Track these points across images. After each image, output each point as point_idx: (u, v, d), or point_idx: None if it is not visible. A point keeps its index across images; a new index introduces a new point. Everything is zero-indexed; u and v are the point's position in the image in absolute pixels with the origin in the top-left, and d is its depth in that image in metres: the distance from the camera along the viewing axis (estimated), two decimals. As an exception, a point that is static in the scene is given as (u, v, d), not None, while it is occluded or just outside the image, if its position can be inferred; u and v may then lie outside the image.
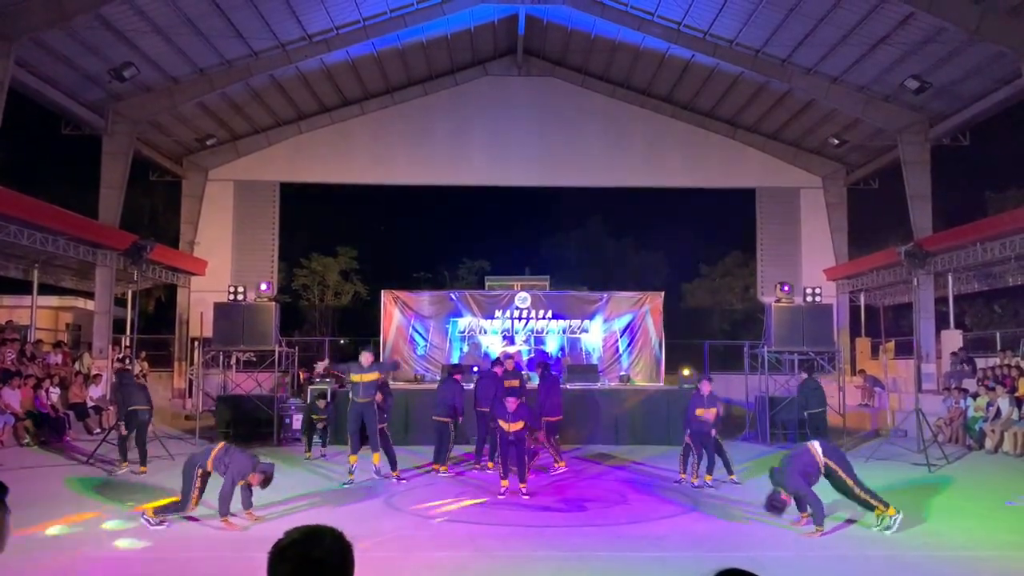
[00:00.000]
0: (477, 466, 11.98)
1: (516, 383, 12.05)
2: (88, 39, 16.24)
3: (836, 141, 21.19)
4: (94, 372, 17.55)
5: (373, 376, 10.84)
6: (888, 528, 7.87)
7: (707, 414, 10.59)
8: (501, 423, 9.88)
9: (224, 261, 23.09)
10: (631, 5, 19.39)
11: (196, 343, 21.13)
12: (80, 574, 6.45)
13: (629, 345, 18.51)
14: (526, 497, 9.60)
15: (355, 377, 10.85)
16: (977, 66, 16.57)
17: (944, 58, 16.63)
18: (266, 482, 8.14)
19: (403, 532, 7.96)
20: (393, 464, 10.89)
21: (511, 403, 9.79)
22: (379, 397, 10.97)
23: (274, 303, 16.15)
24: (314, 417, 13.65)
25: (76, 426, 15.71)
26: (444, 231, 34.66)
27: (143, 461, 11.54)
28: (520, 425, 9.75)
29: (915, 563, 6.90)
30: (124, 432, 11.59)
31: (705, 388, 10.84)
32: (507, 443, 9.84)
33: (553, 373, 13.45)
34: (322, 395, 13.95)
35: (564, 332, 18.57)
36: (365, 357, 10.85)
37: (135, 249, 14.00)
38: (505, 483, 9.88)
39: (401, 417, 15.17)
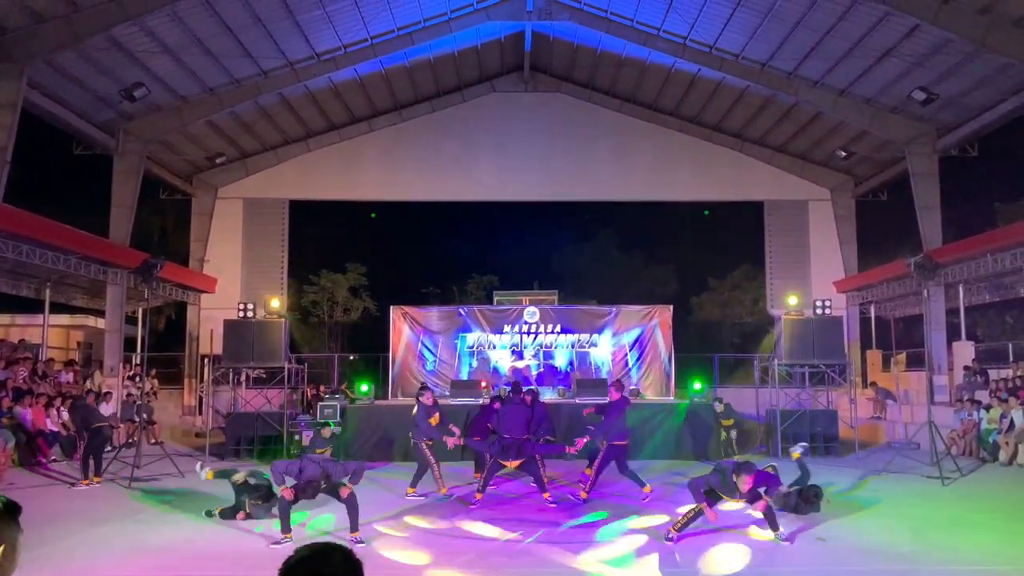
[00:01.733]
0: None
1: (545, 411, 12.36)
2: (99, 60, 16.45)
3: (844, 153, 21.19)
4: (105, 390, 17.61)
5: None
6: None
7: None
8: (502, 461, 10.19)
9: (234, 278, 23.21)
10: (637, 20, 19.50)
11: (206, 360, 21.21)
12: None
13: (638, 359, 18.46)
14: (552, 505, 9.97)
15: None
16: (984, 77, 16.56)
17: (951, 69, 16.63)
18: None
19: (413, 548, 7.93)
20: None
21: (513, 464, 10.17)
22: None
23: (283, 320, 16.20)
24: (318, 451, 12.71)
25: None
26: (453, 246, 34.68)
27: (98, 472, 12.11)
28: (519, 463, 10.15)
29: (929, 578, 6.83)
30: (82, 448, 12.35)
31: (613, 394, 10.87)
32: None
33: (524, 397, 11.92)
34: (326, 423, 13.77)
35: (573, 346, 18.53)
36: None
37: (145, 267, 14.05)
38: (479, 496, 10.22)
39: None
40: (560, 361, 18.48)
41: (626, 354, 18.52)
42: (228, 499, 9.52)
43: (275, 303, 16.58)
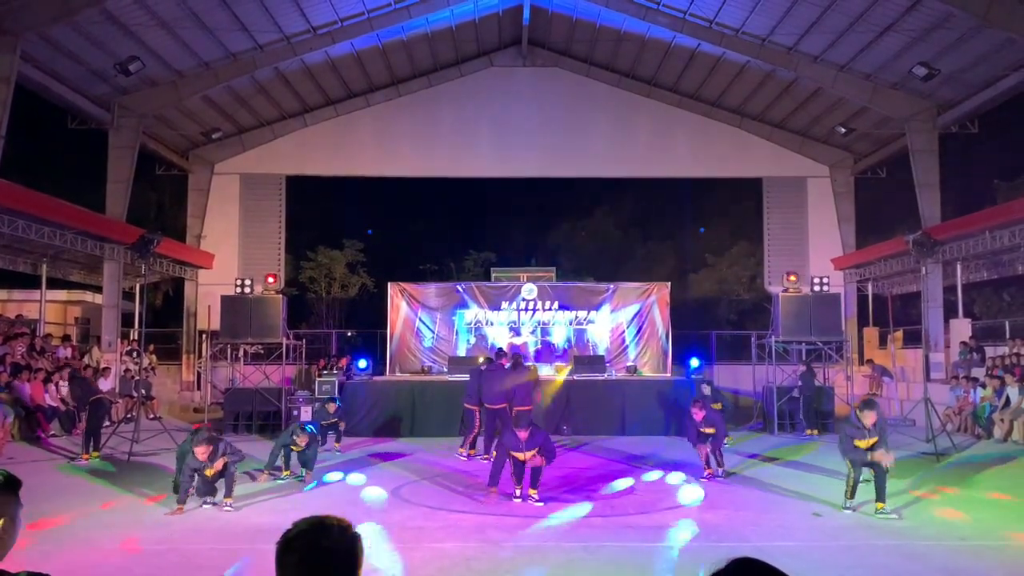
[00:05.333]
0: (485, 457, 11.99)
1: (524, 378, 12.21)
2: (93, 34, 16.27)
3: (843, 130, 21.07)
4: (103, 365, 17.63)
5: None
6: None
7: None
8: (514, 454, 8.92)
9: (231, 254, 23.14)
10: (636, -6, 19.29)
11: (204, 336, 21.22)
12: (92, 565, 6.49)
13: (636, 336, 18.51)
14: (539, 504, 8.81)
15: None
16: (986, 53, 16.44)
17: (952, 45, 16.50)
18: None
19: (411, 523, 7.98)
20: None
21: (522, 433, 8.79)
22: None
23: (281, 296, 16.19)
24: (323, 423, 12.91)
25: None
26: (450, 223, 34.58)
27: (97, 447, 12.29)
28: (534, 453, 8.85)
29: (922, 552, 6.90)
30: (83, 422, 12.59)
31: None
32: (517, 462, 9.01)
33: (502, 363, 12.54)
34: (331, 399, 13.88)
35: (571, 323, 18.57)
36: None
37: (142, 243, 14.03)
38: (494, 491, 9.11)
39: (408, 410, 15.24)
40: (558, 338, 18.52)
41: (624, 331, 18.57)
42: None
43: (272, 279, 16.53)
